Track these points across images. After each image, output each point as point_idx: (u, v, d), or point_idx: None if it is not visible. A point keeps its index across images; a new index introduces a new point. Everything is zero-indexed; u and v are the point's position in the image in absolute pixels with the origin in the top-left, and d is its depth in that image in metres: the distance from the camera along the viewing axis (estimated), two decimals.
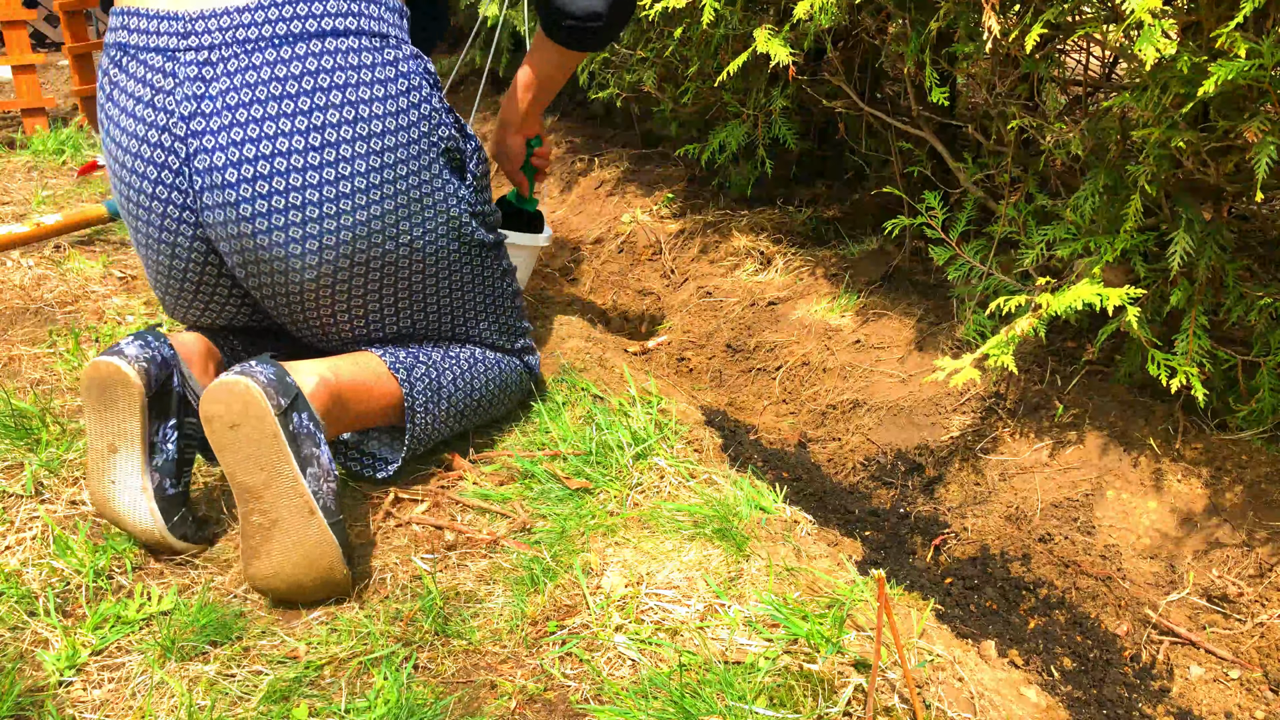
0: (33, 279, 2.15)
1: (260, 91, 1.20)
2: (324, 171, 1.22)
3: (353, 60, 1.22)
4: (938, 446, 1.63)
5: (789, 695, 0.99)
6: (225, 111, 1.20)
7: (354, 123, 1.22)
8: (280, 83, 1.20)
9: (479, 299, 1.48)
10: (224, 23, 1.21)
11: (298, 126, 1.20)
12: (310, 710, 1.00)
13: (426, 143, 1.29)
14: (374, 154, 1.24)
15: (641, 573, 1.20)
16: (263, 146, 1.20)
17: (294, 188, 1.21)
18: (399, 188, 1.27)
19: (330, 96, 1.21)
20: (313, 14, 1.21)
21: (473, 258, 1.42)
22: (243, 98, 1.19)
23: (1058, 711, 1.14)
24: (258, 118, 1.19)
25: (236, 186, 1.21)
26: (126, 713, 1.00)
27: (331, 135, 1.21)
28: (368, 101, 1.23)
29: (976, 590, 1.39)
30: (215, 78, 1.20)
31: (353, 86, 1.22)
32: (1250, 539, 1.28)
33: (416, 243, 1.32)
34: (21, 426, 1.48)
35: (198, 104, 1.20)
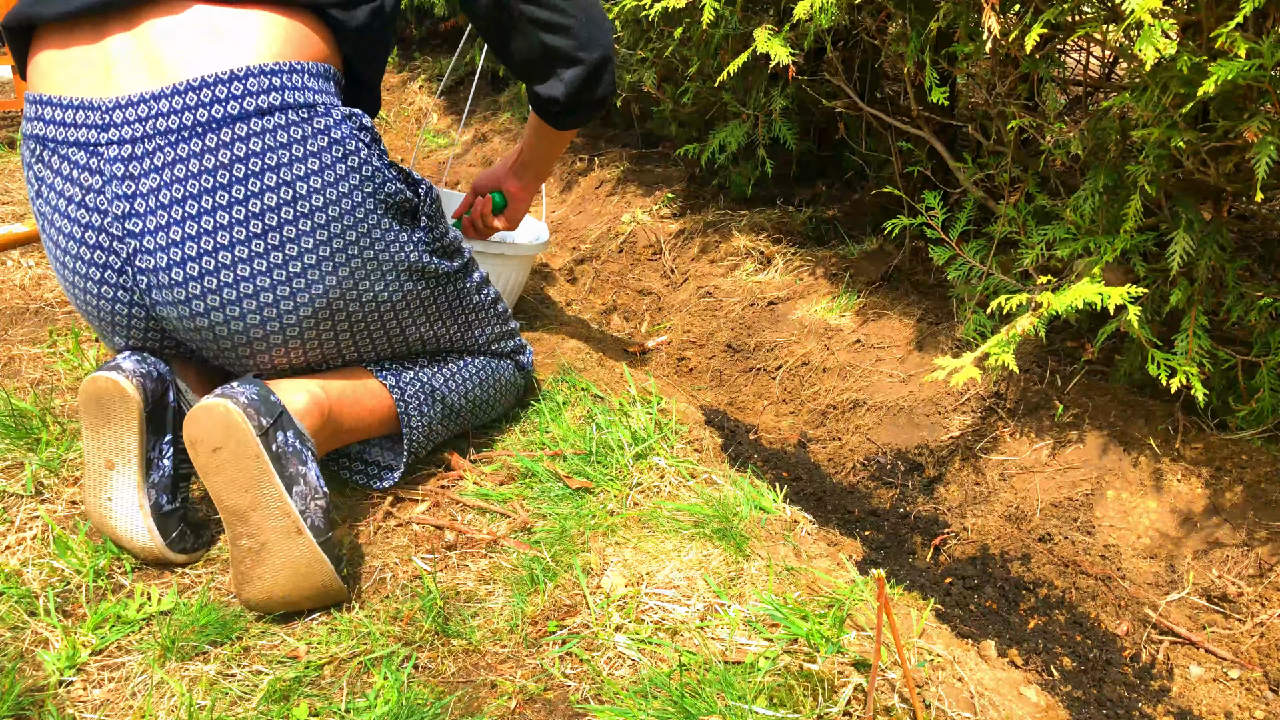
0: (33, 279, 2.15)
1: (192, 186, 1.15)
2: (271, 257, 1.18)
3: (281, 138, 1.17)
4: (938, 446, 1.63)
5: (789, 695, 0.99)
6: (160, 210, 1.15)
7: (293, 202, 1.18)
8: (210, 174, 1.15)
9: (458, 319, 1.45)
10: (142, 112, 1.15)
11: (236, 217, 1.16)
12: (310, 710, 1.00)
13: (372, 202, 1.24)
14: (319, 228, 1.20)
15: (641, 572, 1.20)
16: (204, 243, 1.16)
17: (243, 278, 1.18)
18: (351, 254, 1.24)
19: (265, 180, 1.16)
20: (233, 95, 1.15)
21: (441, 288, 1.39)
22: (175, 194, 1.15)
23: (1058, 711, 1.14)
24: (193, 213, 1.15)
25: (185, 285, 1.18)
26: (126, 712, 1.00)
27: (272, 219, 1.17)
28: (304, 177, 1.18)
29: (976, 590, 1.39)
30: (144, 173, 1.15)
31: (286, 165, 1.17)
32: (1250, 539, 1.28)
33: (380, 295, 1.29)
34: (21, 426, 1.48)
35: (130, 204, 1.15)
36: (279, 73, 1.18)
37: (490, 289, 1.50)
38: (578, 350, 1.93)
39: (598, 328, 2.21)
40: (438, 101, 4.20)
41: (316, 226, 1.20)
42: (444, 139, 3.86)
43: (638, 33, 2.53)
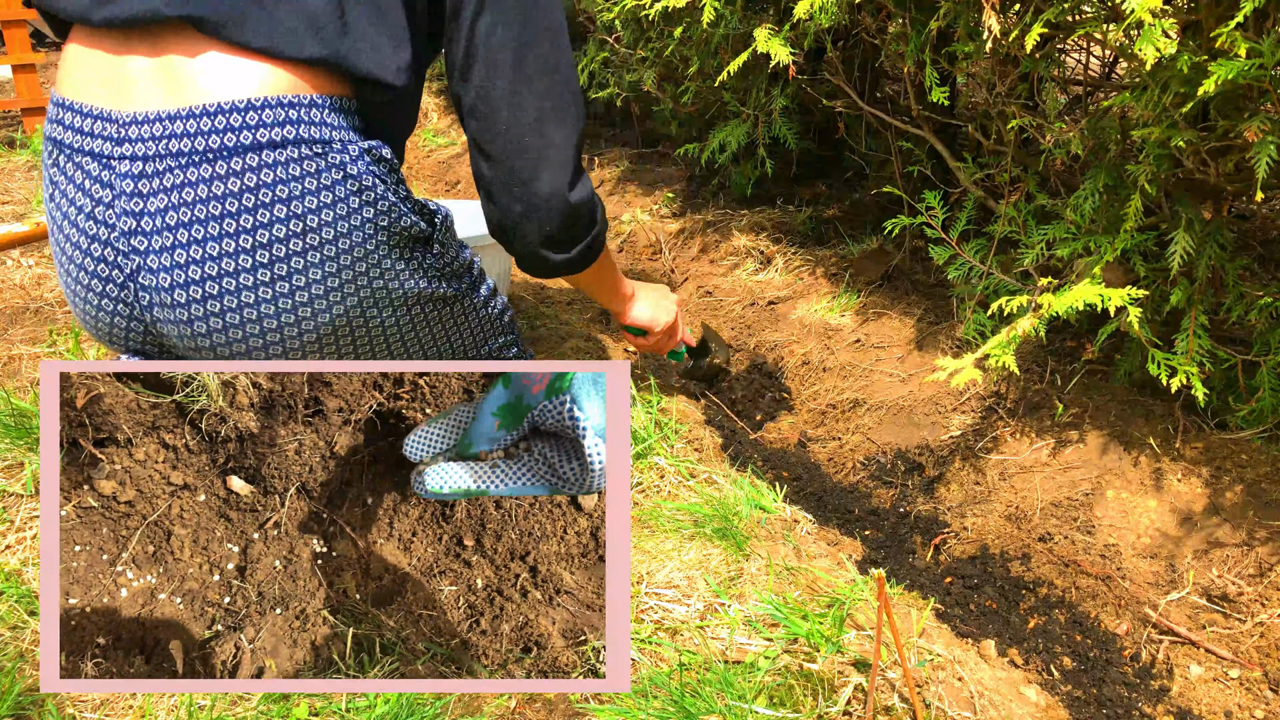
0: (33, 279, 2.15)
1: (200, 211, 1.14)
2: (277, 285, 1.17)
3: (294, 171, 1.15)
4: (938, 446, 1.63)
5: (789, 694, 0.99)
6: (166, 232, 1.14)
7: (302, 234, 1.16)
8: (219, 201, 1.14)
9: (465, 335, 1.43)
10: (157, 131, 1.14)
11: (242, 245, 1.15)
12: (310, 709, 1.00)
13: (384, 234, 1.22)
14: (328, 260, 1.18)
15: (641, 572, 1.20)
16: (208, 268, 1.15)
17: (247, 304, 1.17)
18: (359, 284, 1.22)
19: (274, 211, 1.15)
20: (247, 125, 1.14)
21: (448, 308, 1.37)
22: (182, 217, 1.14)
23: (1058, 711, 1.14)
24: (199, 238, 1.14)
25: (186, 306, 1.17)
26: (126, 712, 1.00)
27: (279, 250, 1.16)
28: (314, 210, 1.16)
29: (976, 590, 1.39)
30: (153, 193, 1.14)
31: (297, 198, 1.15)
32: (1250, 539, 1.28)
33: (387, 321, 1.28)
34: (21, 426, 1.48)
35: (137, 221, 1.15)
36: (297, 105, 1.15)
37: (499, 299, 1.48)
38: (578, 350, 1.93)
39: (598, 328, 2.21)
40: (437, 101, 4.20)
41: (325, 259, 1.18)
42: (444, 139, 3.86)
43: (638, 32, 2.53)
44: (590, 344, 1.99)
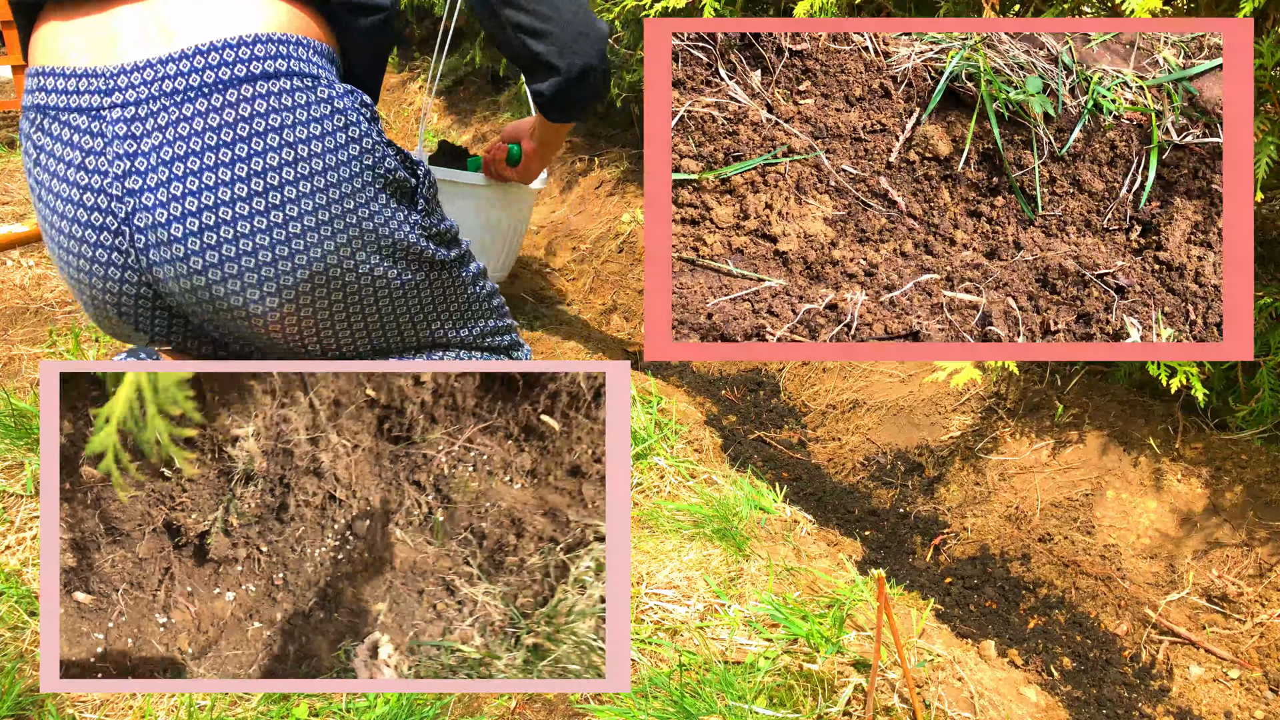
0: (33, 279, 2.15)
1: (194, 143, 1.16)
2: (271, 215, 1.19)
3: (286, 101, 1.19)
4: (938, 446, 1.63)
5: (789, 695, 0.99)
6: (161, 167, 1.16)
7: (294, 163, 1.19)
8: (214, 132, 1.16)
9: (453, 309, 1.46)
10: (148, 76, 1.16)
11: (237, 174, 1.17)
12: (310, 710, 1.00)
13: (370, 175, 1.26)
14: (318, 191, 1.21)
15: (641, 572, 1.20)
16: (204, 198, 1.17)
17: (242, 234, 1.18)
18: (349, 221, 1.24)
19: (267, 140, 1.18)
20: (240, 59, 1.17)
21: (436, 275, 1.39)
22: (177, 151, 1.16)
23: (1058, 711, 1.14)
24: (195, 169, 1.16)
25: (184, 240, 1.18)
26: (126, 712, 1.00)
27: (273, 178, 1.18)
28: (305, 140, 1.19)
29: (976, 590, 1.39)
30: (146, 134, 1.16)
31: (289, 127, 1.18)
32: (1250, 539, 1.28)
33: (375, 270, 1.30)
34: (21, 426, 1.48)
35: (130, 162, 1.16)
36: (286, 42, 1.20)
37: (488, 283, 1.50)
38: (578, 350, 1.93)
39: (598, 328, 2.21)
40: (437, 101, 4.20)
41: (315, 190, 1.21)
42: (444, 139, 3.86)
43: (638, 32, 2.54)
44: (590, 344, 1.99)
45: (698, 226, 1.00)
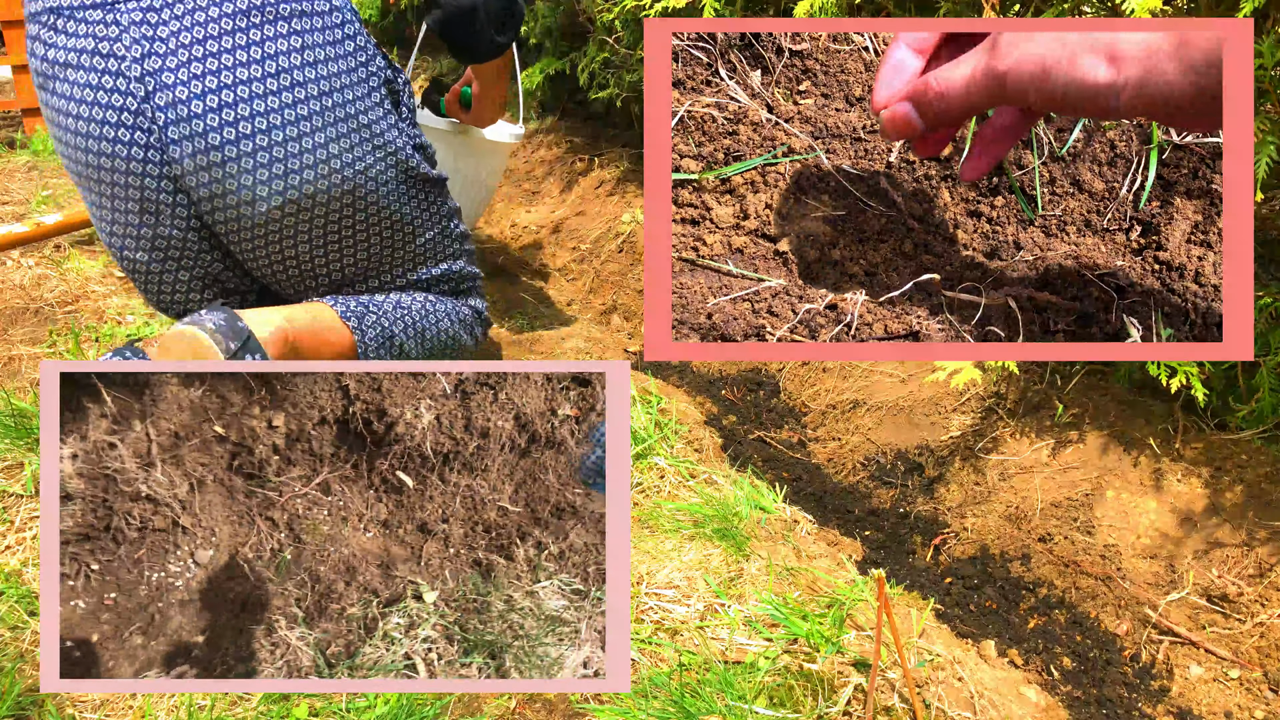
0: (33, 279, 2.14)
1: (211, 28, 1.25)
2: (282, 96, 1.28)
3: (295, 7, 1.29)
4: (938, 446, 1.63)
5: (789, 695, 0.99)
6: (180, 50, 1.24)
7: (301, 50, 1.29)
8: (229, 18, 1.25)
9: (428, 236, 1.54)
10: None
11: (252, 56, 1.26)
12: (310, 710, 1.00)
13: (365, 72, 1.36)
14: (323, 79, 1.31)
15: (641, 572, 1.20)
16: (223, 77, 1.25)
17: (257, 113, 1.27)
18: (349, 112, 1.34)
19: (277, 28, 1.27)
20: None
21: (419, 192, 1.49)
22: (195, 35, 1.24)
23: (1058, 711, 1.14)
24: (213, 51, 1.24)
25: (203, 117, 1.25)
26: (126, 712, 1.00)
27: (284, 62, 1.27)
28: (309, 31, 1.29)
29: (976, 590, 1.39)
30: (162, 22, 1.24)
31: (296, 17, 1.28)
32: (1250, 539, 1.28)
33: (370, 170, 1.39)
34: (21, 426, 1.48)
35: (149, 45, 1.23)
36: None
37: (461, 223, 1.62)
38: (578, 350, 1.93)
39: (598, 328, 2.21)
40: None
41: (321, 77, 1.31)
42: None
43: (638, 32, 2.54)
44: (590, 344, 1.99)
45: (698, 226, 1.00)
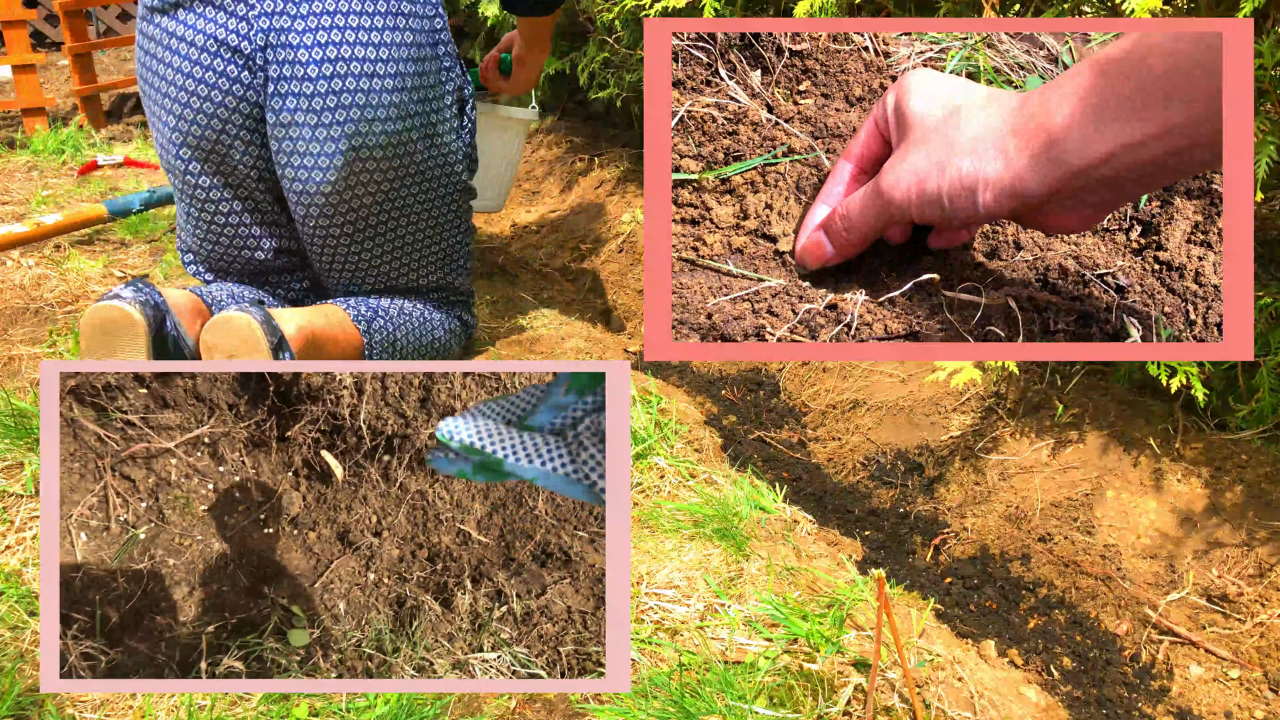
0: (33, 279, 2.14)
1: (344, 6, 1.44)
2: (385, 80, 1.46)
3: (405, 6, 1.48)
4: (938, 446, 1.63)
5: (789, 695, 0.99)
6: (312, 17, 1.42)
7: (409, 45, 1.48)
8: (361, 2, 1.44)
9: (448, 241, 1.71)
10: None
11: (371, 40, 1.44)
12: (310, 710, 1.00)
13: (446, 76, 1.55)
14: (418, 74, 1.49)
15: (641, 572, 1.20)
16: (343, 50, 1.43)
17: (361, 89, 1.45)
18: (426, 109, 1.52)
19: (394, 20, 1.46)
20: None
21: (452, 196, 1.65)
22: (328, 6, 1.43)
23: (1058, 711, 1.14)
24: (340, 26, 1.43)
25: (315, 81, 1.43)
26: (126, 712, 1.00)
27: (395, 53, 1.46)
28: (419, 31, 1.49)
29: (976, 590, 1.39)
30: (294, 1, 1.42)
31: (409, 16, 1.48)
32: (1250, 539, 1.28)
33: (422, 166, 1.56)
34: (21, 426, 1.48)
35: (282, 4, 1.42)
36: None
37: (472, 241, 1.79)
38: (578, 350, 1.93)
39: (598, 328, 2.21)
40: None
41: (417, 74, 1.50)
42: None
43: (638, 32, 2.54)
44: (590, 344, 1.99)
45: (698, 226, 1.00)
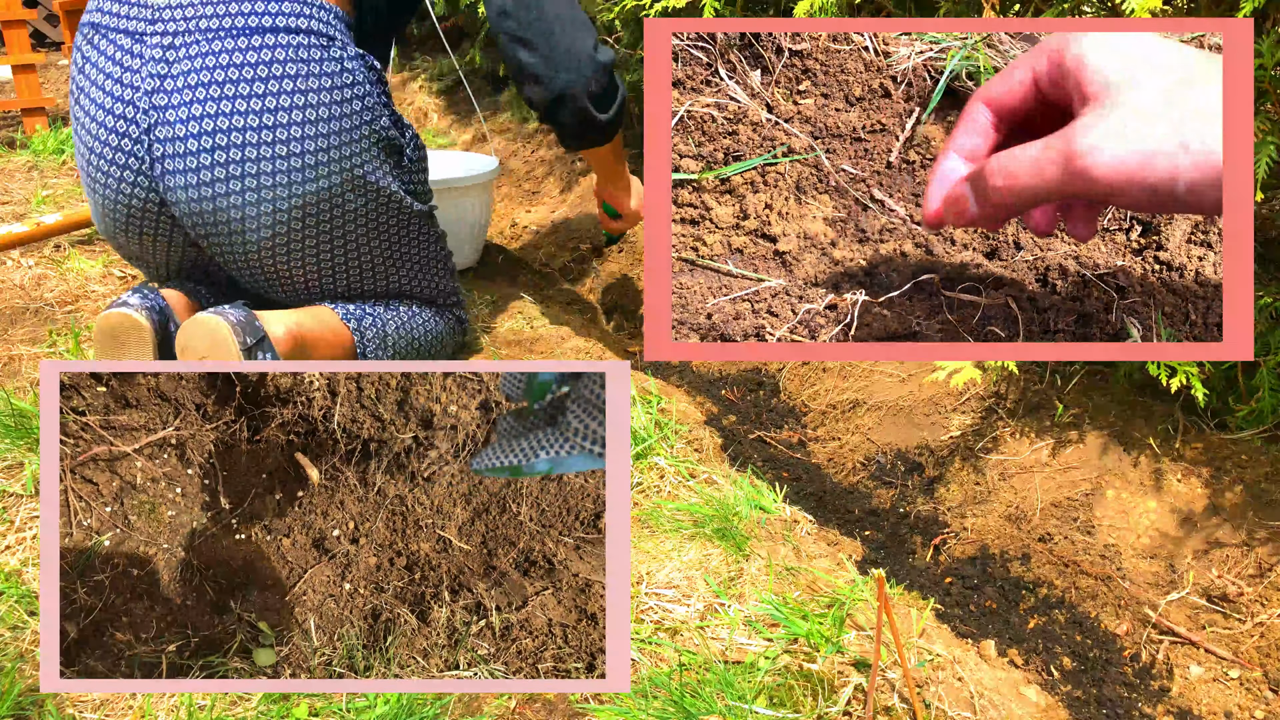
0: (33, 279, 2.14)
1: (219, 75, 1.34)
2: (276, 148, 1.37)
3: (303, 55, 1.37)
4: (938, 446, 1.63)
5: (789, 695, 0.99)
6: (187, 90, 1.35)
7: (303, 108, 1.37)
8: (237, 69, 1.35)
9: (415, 258, 1.66)
10: (188, 13, 1.36)
11: (252, 107, 1.35)
12: (310, 710, 1.00)
13: (367, 129, 1.45)
14: (321, 135, 1.39)
15: (641, 572, 1.20)
16: (220, 122, 1.34)
17: (249, 159, 1.36)
18: (343, 165, 1.43)
19: (282, 84, 1.36)
20: (269, 12, 1.36)
21: (407, 224, 1.59)
22: (203, 79, 1.34)
23: (1058, 711, 1.14)
24: (215, 97, 1.34)
25: (197, 155, 1.36)
26: (126, 712, 1.00)
27: (283, 118, 1.36)
28: (316, 90, 1.38)
29: (976, 590, 1.39)
30: (178, 60, 1.35)
31: (302, 77, 1.37)
32: (1250, 539, 1.28)
33: (359, 211, 1.49)
34: (21, 426, 1.48)
35: (160, 81, 1.35)
36: (310, 4, 1.40)
37: (446, 247, 1.74)
38: (578, 350, 1.93)
39: (598, 328, 2.21)
40: (437, 101, 4.20)
41: (320, 134, 1.39)
42: (444, 139, 3.86)
43: (638, 32, 2.54)
44: (590, 344, 1.99)
45: (698, 226, 1.00)
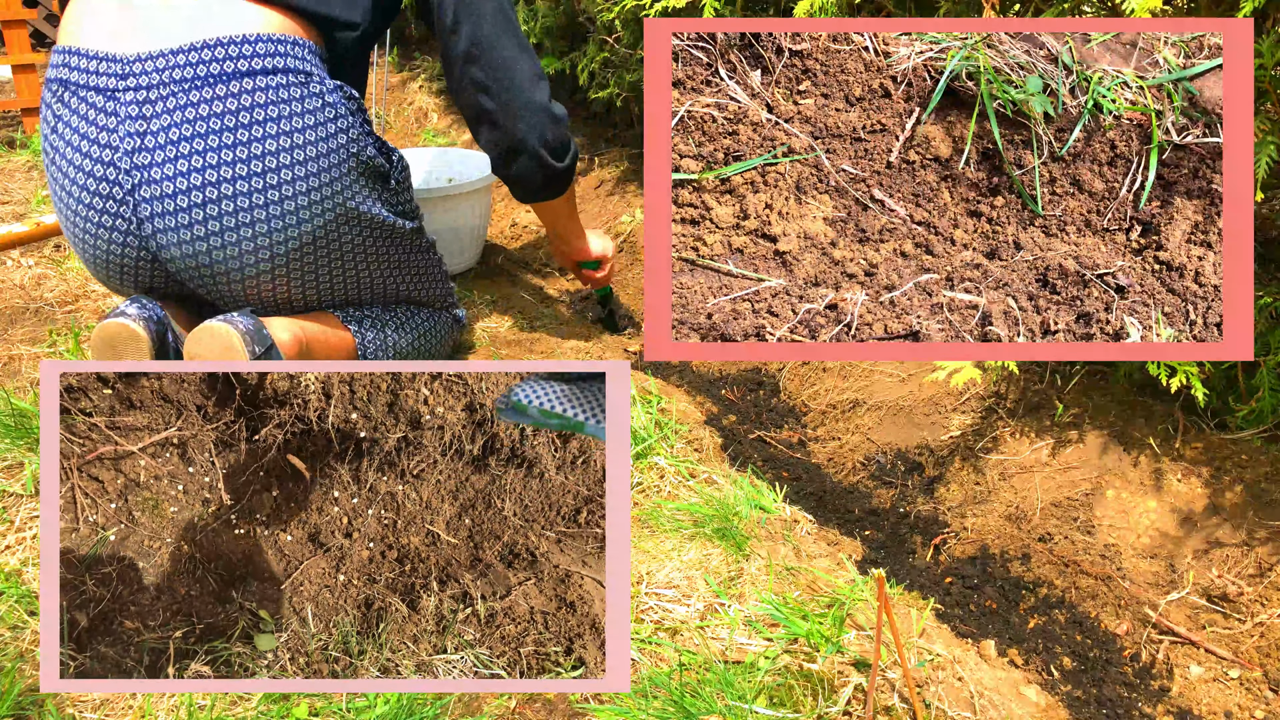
0: (33, 278, 2.14)
1: (200, 126, 1.31)
2: (267, 194, 1.34)
3: (282, 95, 1.34)
4: (938, 446, 1.63)
5: (789, 695, 0.99)
6: (169, 145, 1.30)
7: (289, 150, 1.35)
8: (218, 117, 1.31)
9: (409, 271, 1.66)
10: (160, 64, 1.31)
11: (239, 155, 1.32)
12: (310, 710, 1.00)
13: (354, 161, 1.43)
14: (310, 175, 1.37)
15: (641, 572, 1.20)
16: (208, 174, 1.31)
17: (241, 209, 1.33)
18: (335, 201, 1.41)
19: (266, 127, 1.33)
20: (243, 55, 1.33)
21: (399, 243, 1.59)
22: (184, 132, 1.30)
23: (1058, 711, 1.14)
24: (199, 149, 1.31)
25: (188, 211, 1.32)
26: (126, 712, 1.00)
27: (271, 162, 1.33)
28: (300, 130, 1.35)
29: (976, 590, 1.39)
30: (156, 115, 1.31)
31: (285, 118, 1.34)
32: (1250, 539, 1.28)
33: (354, 242, 1.49)
34: (21, 426, 1.48)
35: (140, 140, 1.31)
36: (283, 42, 1.36)
37: (438, 254, 1.73)
38: (577, 350, 1.93)
39: (598, 327, 2.21)
40: (438, 101, 4.20)
41: (309, 174, 1.37)
42: (444, 138, 3.86)
43: (638, 32, 2.53)
44: (590, 344, 1.99)
45: (698, 226, 1.00)
